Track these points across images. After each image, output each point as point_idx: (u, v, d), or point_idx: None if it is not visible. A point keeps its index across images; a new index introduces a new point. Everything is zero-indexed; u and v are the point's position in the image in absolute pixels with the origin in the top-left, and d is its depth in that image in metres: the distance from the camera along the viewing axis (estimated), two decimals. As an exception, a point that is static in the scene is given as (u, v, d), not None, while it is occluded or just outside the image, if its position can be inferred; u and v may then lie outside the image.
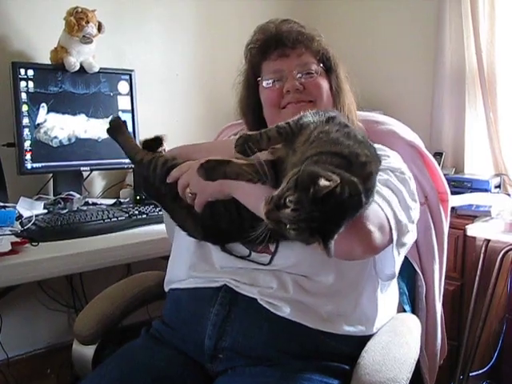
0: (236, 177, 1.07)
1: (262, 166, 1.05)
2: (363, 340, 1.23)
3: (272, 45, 1.38)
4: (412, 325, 1.38)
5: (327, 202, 0.88)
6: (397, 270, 1.19)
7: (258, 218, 1.04)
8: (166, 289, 1.40)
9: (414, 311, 1.55)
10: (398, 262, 1.18)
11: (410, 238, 1.19)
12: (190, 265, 1.31)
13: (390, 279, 1.26)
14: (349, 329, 1.20)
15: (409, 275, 1.55)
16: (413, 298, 1.57)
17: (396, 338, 1.26)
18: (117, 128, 1.35)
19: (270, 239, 1.13)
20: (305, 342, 1.18)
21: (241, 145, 1.04)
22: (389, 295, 1.35)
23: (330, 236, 0.91)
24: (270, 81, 1.38)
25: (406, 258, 1.49)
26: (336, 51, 1.43)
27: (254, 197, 1.09)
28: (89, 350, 1.43)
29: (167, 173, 1.23)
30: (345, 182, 0.90)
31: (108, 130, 1.34)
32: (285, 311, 1.16)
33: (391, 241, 1.11)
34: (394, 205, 1.12)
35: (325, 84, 1.38)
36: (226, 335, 1.18)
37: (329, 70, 1.40)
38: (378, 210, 1.08)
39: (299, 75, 1.36)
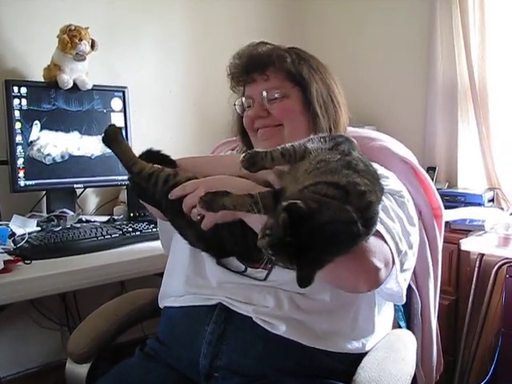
0: (234, 208, 1.06)
1: (263, 197, 1.03)
2: (358, 357, 1.22)
3: (243, 71, 1.40)
4: (407, 340, 1.37)
5: (300, 226, 0.86)
6: (404, 295, 1.19)
7: None
8: (161, 304, 1.39)
9: (409, 327, 1.55)
10: (405, 287, 1.18)
11: (410, 263, 1.19)
12: (185, 278, 1.30)
13: (396, 302, 1.27)
14: (344, 346, 1.20)
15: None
16: (408, 315, 1.56)
17: (392, 354, 1.25)
18: (113, 137, 1.30)
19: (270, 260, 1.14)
20: (300, 359, 1.17)
21: (247, 160, 1.03)
22: (384, 313, 1.34)
23: (316, 264, 0.89)
24: (243, 105, 1.41)
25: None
26: (328, 65, 1.43)
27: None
28: (82, 369, 1.41)
29: (169, 190, 1.18)
30: (326, 207, 0.89)
31: (103, 139, 1.30)
32: (280, 329, 1.16)
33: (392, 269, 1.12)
34: (396, 236, 1.12)
35: (295, 105, 1.36)
36: (221, 354, 1.18)
37: (305, 89, 1.37)
38: (383, 245, 1.08)
39: (265, 100, 1.36)
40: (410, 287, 1.50)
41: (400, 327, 1.49)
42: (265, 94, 1.35)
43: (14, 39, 2.27)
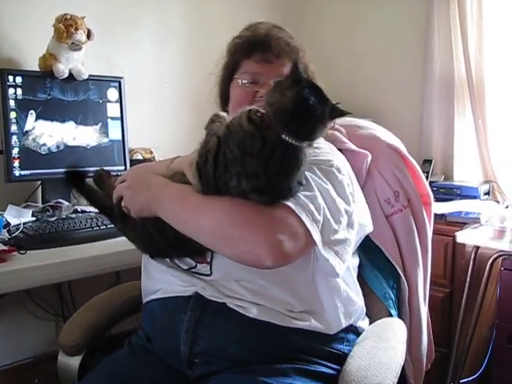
0: None
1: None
2: (341, 338, 1.25)
3: (258, 46, 1.37)
4: (398, 329, 1.37)
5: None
6: (338, 269, 1.13)
7: (182, 235, 1.13)
8: (144, 300, 1.40)
9: (399, 316, 1.55)
10: (335, 261, 1.13)
11: (344, 234, 1.16)
12: (154, 276, 1.34)
13: (332, 276, 1.21)
14: (316, 325, 1.20)
15: (394, 279, 1.54)
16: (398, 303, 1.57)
17: (381, 343, 1.26)
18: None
19: (201, 251, 1.20)
20: (275, 340, 1.18)
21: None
22: (351, 291, 1.31)
23: None
24: (245, 81, 1.38)
25: (389, 262, 1.50)
26: (324, 59, 1.43)
27: (174, 216, 1.15)
28: (74, 361, 1.42)
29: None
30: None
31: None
32: (252, 312, 1.17)
33: (314, 243, 1.09)
34: (309, 205, 1.09)
35: None
36: (199, 339, 1.18)
37: None
38: (288, 217, 1.07)
39: None
40: (398, 274, 1.52)
41: (391, 315, 1.49)
42: (277, 78, 1.35)
43: (10, 28, 2.26)
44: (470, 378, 2.37)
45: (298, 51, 1.39)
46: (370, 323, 1.40)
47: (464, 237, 2.28)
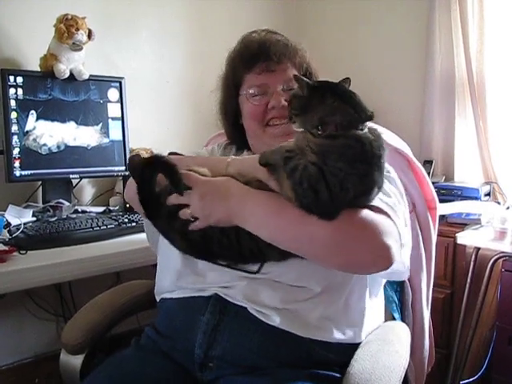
0: None
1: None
2: (352, 348, 1.23)
3: (257, 58, 1.36)
4: (401, 332, 1.38)
5: None
6: (407, 271, 1.26)
7: (268, 246, 1.10)
8: (158, 298, 1.39)
9: (402, 319, 1.55)
10: (406, 261, 1.22)
11: (408, 237, 1.21)
12: (178, 275, 1.29)
13: (396, 278, 1.34)
14: (338, 336, 1.20)
15: (398, 283, 1.55)
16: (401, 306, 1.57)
17: (385, 347, 1.25)
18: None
19: (259, 261, 1.19)
20: (295, 350, 1.17)
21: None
22: (376, 301, 1.34)
23: None
24: (253, 93, 1.37)
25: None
26: (325, 59, 1.43)
27: (269, 226, 1.10)
28: (76, 360, 1.41)
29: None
30: None
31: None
32: (275, 320, 1.16)
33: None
34: (398, 211, 1.13)
35: None
36: (216, 344, 1.17)
37: None
38: (390, 223, 1.08)
39: (283, 90, 1.35)
40: None
41: (394, 319, 1.49)
42: (286, 84, 1.35)
43: (11, 28, 2.26)
44: (470, 380, 2.37)
45: (297, 52, 1.39)
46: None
47: (465, 238, 2.28)
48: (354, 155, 1.01)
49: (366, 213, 1.05)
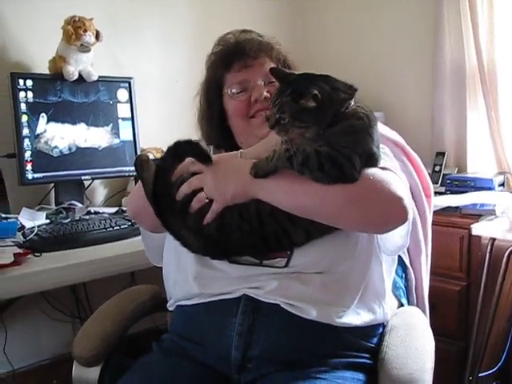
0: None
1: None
2: (377, 332, 1.27)
3: (234, 56, 1.41)
4: (420, 317, 1.43)
5: None
6: (407, 237, 1.28)
7: (292, 224, 1.12)
8: (172, 307, 1.37)
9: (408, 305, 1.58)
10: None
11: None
12: (195, 282, 1.26)
13: (398, 250, 1.34)
14: (365, 318, 1.23)
15: (402, 269, 1.58)
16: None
17: (412, 332, 1.30)
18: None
19: (285, 247, 1.18)
20: (330, 340, 1.18)
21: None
22: (389, 283, 1.37)
23: None
24: (235, 91, 1.41)
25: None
26: (332, 52, 1.43)
27: (282, 191, 1.11)
28: (93, 373, 1.36)
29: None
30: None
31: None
32: (311, 313, 1.16)
33: None
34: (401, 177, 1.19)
35: None
36: (253, 344, 1.16)
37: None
38: (399, 180, 1.14)
39: (263, 84, 1.39)
40: (404, 265, 1.57)
41: (402, 305, 1.51)
42: (265, 77, 1.38)
43: (19, 31, 2.26)
44: (489, 372, 2.35)
45: (272, 45, 1.43)
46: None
47: (480, 229, 2.26)
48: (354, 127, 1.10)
49: (374, 170, 1.11)
